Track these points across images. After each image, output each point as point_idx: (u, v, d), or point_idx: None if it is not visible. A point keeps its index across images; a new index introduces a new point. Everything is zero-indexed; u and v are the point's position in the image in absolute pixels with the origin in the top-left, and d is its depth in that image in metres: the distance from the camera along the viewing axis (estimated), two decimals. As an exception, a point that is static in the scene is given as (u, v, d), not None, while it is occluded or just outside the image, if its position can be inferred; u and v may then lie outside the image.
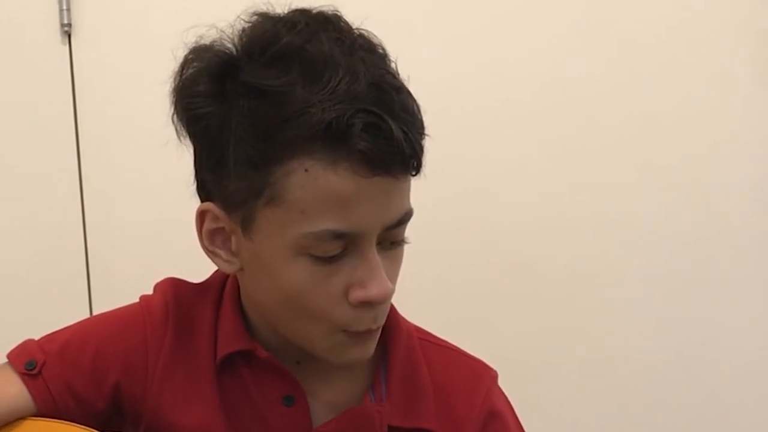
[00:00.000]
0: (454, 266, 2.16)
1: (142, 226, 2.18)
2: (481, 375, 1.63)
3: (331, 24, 1.39)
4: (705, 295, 2.23)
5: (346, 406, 1.55)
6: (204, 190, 1.46)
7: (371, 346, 1.49)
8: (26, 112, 2.22)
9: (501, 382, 1.65)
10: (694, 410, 2.23)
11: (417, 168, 1.39)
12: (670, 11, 2.22)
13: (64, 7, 2.21)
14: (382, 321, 1.46)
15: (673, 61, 2.20)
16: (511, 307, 2.20)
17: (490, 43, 2.20)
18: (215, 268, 1.55)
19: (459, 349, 1.66)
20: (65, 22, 2.21)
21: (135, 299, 1.62)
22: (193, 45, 1.43)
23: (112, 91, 2.22)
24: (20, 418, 1.51)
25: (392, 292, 1.43)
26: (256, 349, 1.52)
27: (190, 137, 1.44)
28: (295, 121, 1.31)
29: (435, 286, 2.12)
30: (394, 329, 1.57)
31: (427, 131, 1.39)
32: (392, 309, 1.55)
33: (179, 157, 1.48)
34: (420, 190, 1.43)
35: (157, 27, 1.87)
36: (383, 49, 1.41)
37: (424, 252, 1.59)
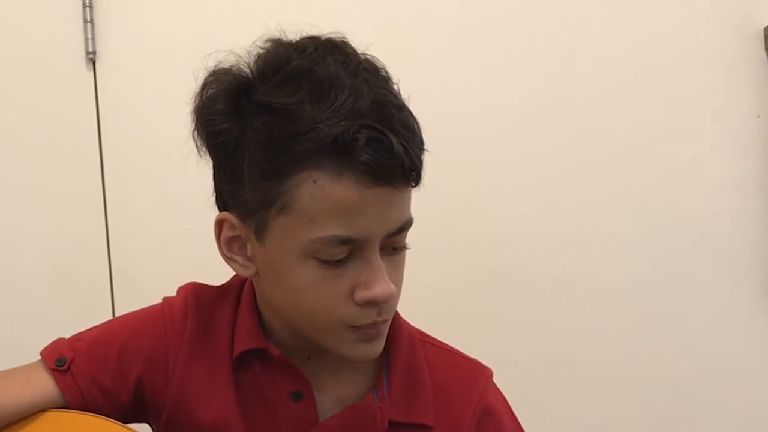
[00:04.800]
0: (450, 272, 2.18)
1: (164, 235, 2.20)
2: (477, 374, 1.66)
3: (337, 49, 1.43)
4: (682, 301, 2.25)
5: (351, 402, 1.58)
6: (222, 201, 1.51)
7: (379, 345, 1.52)
8: (54, 133, 2.24)
9: (495, 380, 1.69)
10: (670, 405, 2.26)
11: (416, 180, 1.43)
12: (648, 38, 2.25)
13: (89, 36, 2.24)
14: (387, 316, 1.49)
15: (652, 85, 2.24)
16: (502, 310, 2.22)
17: (482, 70, 2.23)
18: (232, 273, 1.60)
19: (456, 350, 1.69)
20: (90, 50, 2.25)
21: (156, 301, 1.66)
22: (213, 68, 1.48)
23: (133, 113, 2.24)
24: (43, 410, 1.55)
25: (395, 292, 1.47)
26: (269, 347, 1.56)
27: (209, 152, 1.49)
28: (304, 135, 1.35)
29: (433, 291, 2.13)
30: (396, 332, 1.61)
31: (425, 147, 1.44)
32: (396, 313, 1.58)
33: (199, 171, 1.53)
34: (419, 200, 1.48)
35: (174, 54, 1.91)
36: (386, 71, 1.46)
37: (422, 259, 1.63)
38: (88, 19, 2.24)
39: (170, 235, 2.19)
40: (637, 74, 2.26)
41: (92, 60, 2.26)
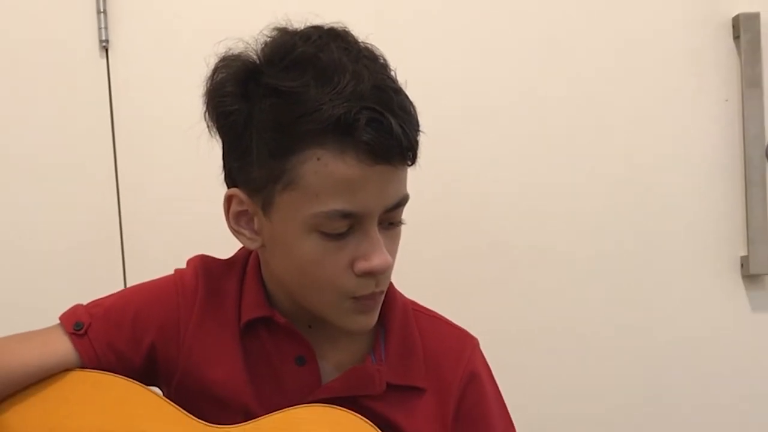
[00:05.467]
0: (441, 246, 2.18)
1: (173, 213, 2.20)
2: (464, 342, 1.68)
3: (340, 37, 1.44)
4: (657, 275, 2.26)
5: (350, 367, 1.59)
6: (230, 178, 1.51)
7: (374, 316, 1.54)
8: (69, 117, 2.24)
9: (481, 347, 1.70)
10: (644, 372, 2.26)
11: (413, 159, 1.44)
12: (624, 29, 2.26)
13: (102, 26, 2.23)
14: (383, 286, 1.51)
15: (628, 72, 2.25)
16: (488, 282, 2.21)
17: (473, 60, 2.23)
18: (239, 246, 1.61)
19: (446, 319, 1.70)
20: (103, 38, 2.24)
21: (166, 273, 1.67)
22: (223, 54, 1.48)
23: (143, 98, 2.23)
24: (68, 370, 1.57)
25: (391, 264, 1.49)
26: (274, 316, 1.57)
27: (218, 132, 1.49)
28: (308, 116, 1.36)
29: (426, 264, 2.13)
30: (391, 302, 1.62)
31: (421, 128, 1.45)
32: (390, 284, 1.59)
33: (208, 152, 1.53)
34: (415, 179, 1.49)
35: (183, 43, 1.91)
36: (384, 59, 1.47)
37: (417, 233, 1.64)
38: (102, 10, 2.24)
39: (179, 212, 2.19)
40: (613, 63, 2.27)
41: (105, 48, 2.25)
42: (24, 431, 1.52)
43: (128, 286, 2.10)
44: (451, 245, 2.22)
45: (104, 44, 2.26)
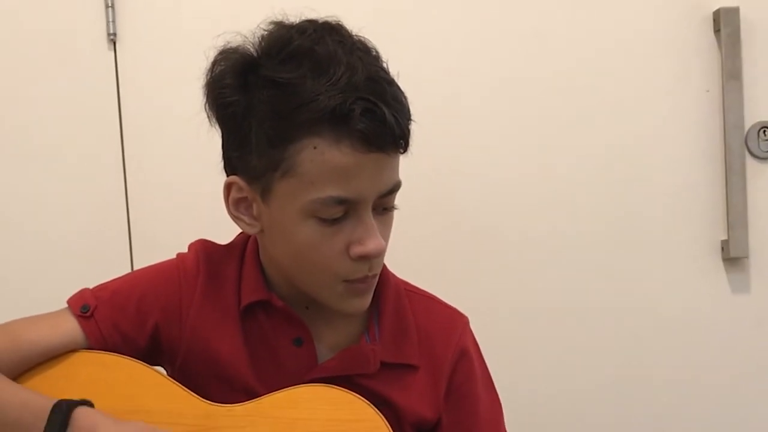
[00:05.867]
0: (433, 230, 2.18)
1: (177, 199, 2.20)
2: (455, 320, 1.68)
3: (334, 30, 1.45)
4: (641, 257, 2.26)
5: (346, 346, 1.59)
6: (230, 166, 1.51)
7: (368, 298, 1.54)
8: (78, 108, 2.23)
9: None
10: (628, 349, 2.27)
11: (405, 147, 1.45)
12: (610, 22, 2.26)
13: (110, 19, 2.22)
14: (376, 270, 1.51)
15: (614, 63, 2.24)
16: (478, 263, 2.21)
17: (461, 51, 2.22)
18: (239, 231, 1.62)
19: (438, 298, 1.70)
20: (111, 32, 2.23)
21: (170, 257, 1.67)
22: (222, 48, 1.48)
23: (150, 89, 2.22)
24: (75, 351, 1.57)
25: (384, 248, 1.49)
26: (272, 299, 1.57)
27: (218, 122, 1.50)
28: (305, 107, 1.37)
29: (418, 246, 2.14)
30: (385, 283, 1.62)
31: (412, 117, 1.45)
32: (384, 266, 1.60)
33: (211, 140, 1.53)
34: (407, 166, 1.50)
35: (188, 36, 1.90)
36: (377, 51, 1.47)
37: (410, 218, 1.64)
38: (110, 5, 2.23)
39: (184, 199, 2.19)
40: (600, 55, 2.27)
41: (113, 41, 2.25)
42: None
43: (135, 267, 2.13)
44: (443, 228, 2.22)
45: (112, 37, 2.25)
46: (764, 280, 2.27)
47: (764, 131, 2.24)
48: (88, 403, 1.47)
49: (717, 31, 2.24)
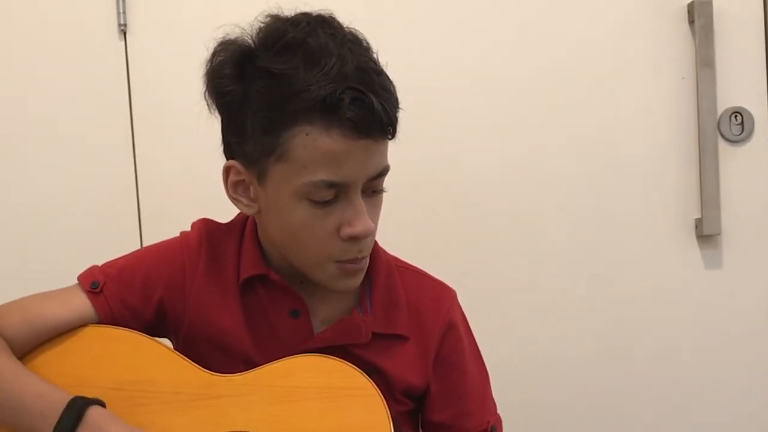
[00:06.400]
0: (422, 210, 2.18)
1: (184, 181, 2.21)
2: (444, 294, 1.69)
3: (326, 23, 1.45)
4: (620, 233, 2.25)
5: (339, 318, 1.60)
6: (229, 151, 1.52)
7: (358, 279, 1.55)
8: (90, 95, 2.23)
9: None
10: (606, 319, 2.26)
11: (393, 133, 1.45)
12: (589, 14, 2.25)
13: (121, 10, 2.22)
14: (366, 252, 1.51)
15: (594, 53, 2.24)
16: (466, 240, 2.21)
17: (449, 41, 2.21)
18: (238, 211, 1.62)
19: (427, 273, 1.71)
20: (122, 22, 2.22)
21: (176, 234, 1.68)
22: (221, 39, 1.49)
23: (159, 78, 2.22)
24: (85, 325, 1.58)
25: (374, 229, 1.50)
26: (270, 274, 1.58)
27: (217, 109, 1.50)
28: (298, 96, 1.37)
29: (408, 225, 2.14)
30: (376, 258, 1.62)
31: (400, 105, 1.46)
32: (375, 243, 1.60)
33: (210, 127, 1.54)
34: (395, 151, 1.50)
35: (196, 27, 1.89)
36: (367, 43, 1.47)
37: (399, 199, 1.64)
38: (120, -3, 2.24)
39: (188, 180, 2.20)
40: (583, 45, 2.26)
41: (123, 31, 2.24)
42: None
43: (144, 245, 2.14)
44: (431, 209, 2.22)
45: (122, 28, 2.24)
46: (736, 256, 2.27)
47: (736, 116, 2.24)
48: (101, 403, 1.48)
49: (691, 22, 2.24)
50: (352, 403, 1.48)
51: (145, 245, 1.88)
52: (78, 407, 1.44)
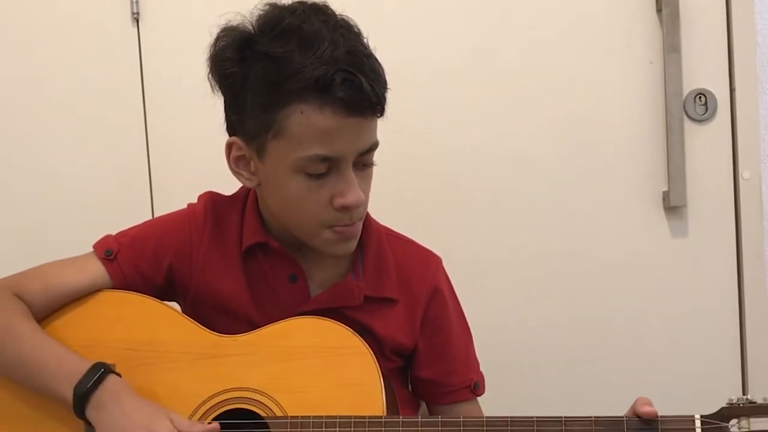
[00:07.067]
0: (410, 185, 2.18)
1: (191, 156, 2.20)
2: (430, 260, 1.69)
3: (320, 10, 1.45)
4: (586, 207, 2.24)
5: (333, 282, 1.61)
6: (230, 128, 1.53)
7: (352, 244, 1.56)
8: (105, 79, 2.22)
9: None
10: (580, 288, 2.26)
11: (381, 111, 1.46)
12: (564, 4, 2.25)
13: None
14: (358, 218, 1.52)
15: (568, 39, 2.22)
16: (447, 210, 2.20)
17: (433, 26, 2.21)
18: (240, 185, 1.63)
19: (415, 242, 1.72)
20: (134, 11, 2.21)
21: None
22: (223, 26, 1.49)
23: (169, 63, 2.21)
24: (100, 290, 1.59)
25: (364, 199, 1.51)
26: (269, 241, 1.59)
27: (220, 90, 1.50)
28: (294, 77, 1.38)
29: (397, 197, 2.13)
30: (368, 228, 1.63)
31: (388, 86, 1.46)
32: (367, 214, 1.61)
33: (214, 106, 1.53)
34: (383, 128, 1.51)
35: (206, 15, 1.87)
36: (358, 28, 1.47)
37: (386, 173, 1.64)
38: (133, -14, 2.23)
39: (196, 157, 2.18)
40: (559, 32, 2.25)
41: (136, 19, 2.23)
42: (65, 343, 1.52)
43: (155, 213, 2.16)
44: (418, 183, 2.22)
45: (135, 16, 2.23)
46: (700, 226, 2.27)
47: (700, 97, 2.23)
48: (118, 374, 1.49)
49: (659, 11, 2.22)
50: (346, 361, 1.49)
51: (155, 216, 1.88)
52: (100, 372, 1.45)
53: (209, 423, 1.46)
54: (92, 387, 1.43)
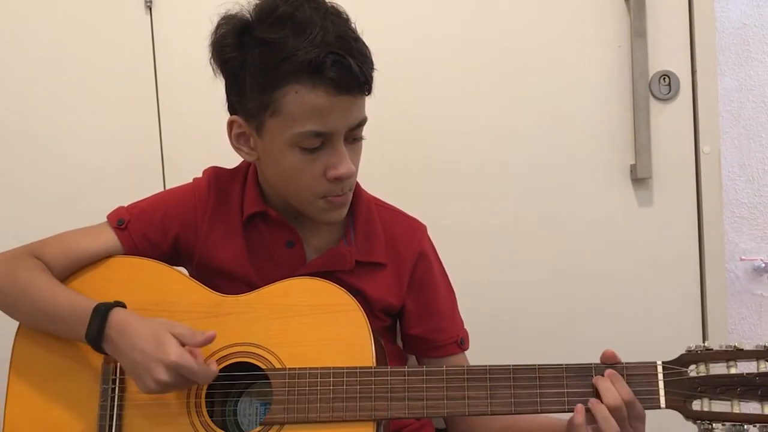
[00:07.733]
0: (396, 158, 2.18)
1: (199, 134, 2.18)
2: (416, 228, 1.70)
3: None
4: (558, 179, 2.23)
5: (328, 248, 1.62)
6: (231, 108, 1.53)
7: (343, 212, 1.57)
8: (119, 64, 2.20)
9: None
10: (554, 255, 2.25)
11: (369, 90, 1.47)
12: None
13: (147, -12, 2.23)
14: (348, 189, 1.53)
15: (544, 30, 2.21)
16: (431, 182, 2.19)
17: (417, 13, 2.20)
18: (241, 159, 1.63)
19: (402, 211, 1.73)
20: (147, 0, 2.20)
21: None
22: (224, 14, 1.50)
23: (181, 49, 2.19)
24: (113, 255, 1.60)
25: (354, 171, 1.52)
26: (268, 210, 1.60)
27: (221, 73, 1.51)
28: (288, 60, 1.39)
29: (384, 170, 2.12)
30: (358, 198, 1.64)
31: (375, 67, 1.48)
32: (357, 185, 1.62)
33: (219, 88, 1.54)
34: (371, 105, 1.51)
35: (215, 3, 1.88)
36: (346, 15, 1.48)
37: (375, 147, 1.65)
38: (145, -25, 2.22)
39: (203, 134, 2.17)
40: (534, 19, 2.24)
41: (149, 7, 2.22)
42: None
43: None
44: (404, 157, 2.21)
45: (148, 4, 2.22)
46: (664, 196, 2.27)
47: (664, 78, 2.23)
48: (121, 305, 1.50)
49: (627, -1, 2.24)
50: (339, 318, 1.50)
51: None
52: (102, 310, 1.47)
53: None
54: (100, 329, 1.45)
